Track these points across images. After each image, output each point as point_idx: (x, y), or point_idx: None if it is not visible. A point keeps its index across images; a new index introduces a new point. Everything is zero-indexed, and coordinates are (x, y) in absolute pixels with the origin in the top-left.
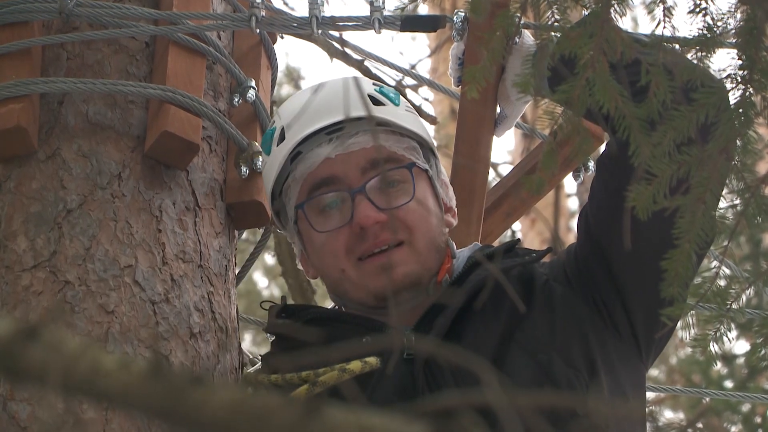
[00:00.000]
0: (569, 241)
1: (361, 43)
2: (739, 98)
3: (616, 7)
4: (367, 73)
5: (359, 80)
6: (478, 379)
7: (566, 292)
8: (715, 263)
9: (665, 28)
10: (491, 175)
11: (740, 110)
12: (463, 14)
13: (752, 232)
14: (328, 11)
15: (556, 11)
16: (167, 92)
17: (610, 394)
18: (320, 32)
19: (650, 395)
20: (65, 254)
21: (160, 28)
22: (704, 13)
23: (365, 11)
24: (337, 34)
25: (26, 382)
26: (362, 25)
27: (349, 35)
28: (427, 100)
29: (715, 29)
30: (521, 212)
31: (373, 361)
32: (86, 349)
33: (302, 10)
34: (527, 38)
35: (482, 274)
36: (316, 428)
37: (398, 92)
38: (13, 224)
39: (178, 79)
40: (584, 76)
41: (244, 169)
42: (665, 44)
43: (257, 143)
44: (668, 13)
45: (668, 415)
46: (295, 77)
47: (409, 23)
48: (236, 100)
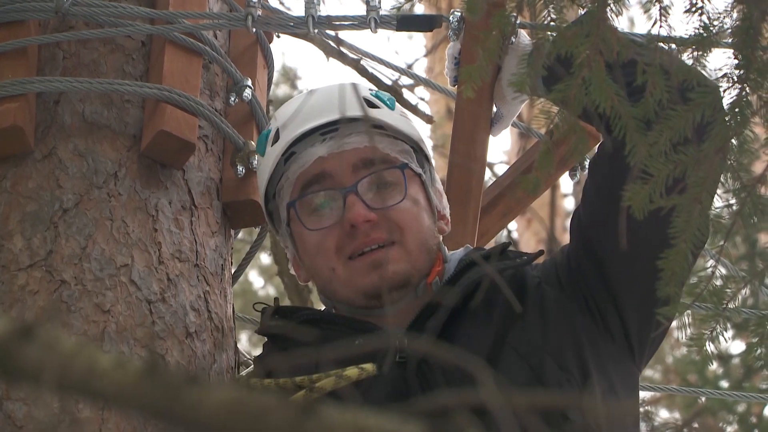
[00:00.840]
0: (565, 241)
1: (357, 42)
2: (735, 98)
3: (612, 6)
4: (363, 72)
5: (356, 85)
6: (471, 381)
7: (558, 295)
8: (711, 263)
9: (661, 27)
10: (487, 174)
11: (736, 110)
12: (459, 14)
13: (748, 231)
14: (324, 11)
15: (552, 11)
16: (163, 91)
17: (603, 396)
18: (316, 32)
19: (646, 395)
20: (61, 253)
21: (156, 27)
22: (700, 12)
23: (361, 11)
24: (333, 33)
25: (22, 381)
26: (358, 24)
27: (345, 35)
28: (423, 99)
29: (711, 29)
30: (517, 212)
31: (369, 367)
32: (82, 348)
33: (298, 9)
34: (523, 38)
35: (474, 275)
36: (312, 428)
37: (393, 98)
38: (9, 223)
39: (174, 78)
40: (580, 75)
41: (240, 168)
42: (661, 45)
43: (253, 142)
44: (665, 12)
45: (664, 414)
46: (291, 77)
47: (405, 23)
48: (232, 99)
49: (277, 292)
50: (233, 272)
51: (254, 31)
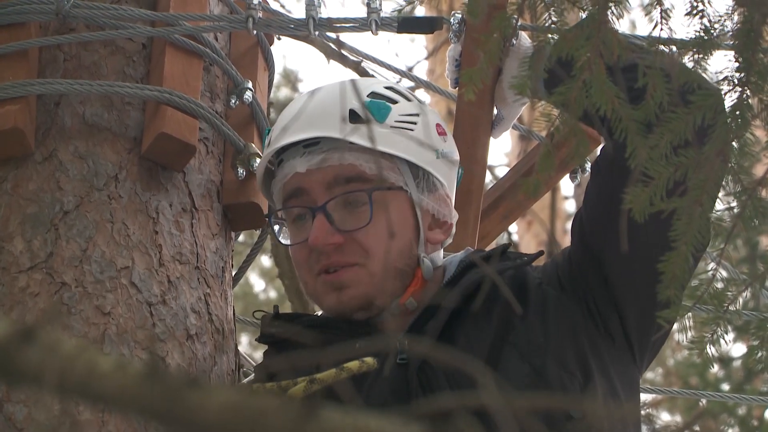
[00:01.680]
0: (565, 243)
1: (358, 44)
2: (736, 101)
3: (613, 9)
4: (364, 74)
5: (354, 88)
6: (472, 382)
7: (560, 296)
8: (712, 265)
9: (663, 30)
10: (488, 177)
11: (737, 113)
12: (460, 16)
13: (749, 234)
14: (325, 13)
15: (553, 13)
16: (164, 94)
17: (604, 397)
18: (317, 34)
19: (647, 397)
20: (62, 256)
21: (157, 29)
22: (701, 15)
23: (362, 12)
24: (334, 35)
25: (23, 383)
26: (359, 26)
27: (346, 37)
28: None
29: (712, 31)
30: (518, 214)
31: (370, 360)
32: (82, 350)
33: (299, 11)
34: (524, 40)
35: (473, 276)
36: (312, 430)
37: (389, 106)
38: (9, 226)
39: (174, 80)
40: (581, 78)
41: (240, 170)
42: (662, 48)
43: (254, 145)
44: (666, 15)
45: (665, 417)
46: (292, 79)
47: (406, 25)
48: (233, 101)
49: (277, 294)
50: (234, 274)
51: (255, 33)
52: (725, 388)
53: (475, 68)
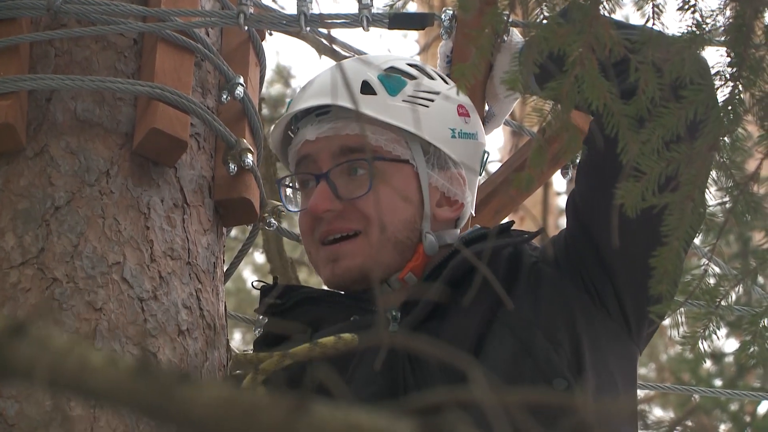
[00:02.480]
0: None
1: (350, 40)
2: (727, 95)
3: (605, 3)
4: None
5: (365, 61)
6: (458, 359)
7: (555, 272)
8: (704, 261)
9: (655, 24)
10: None
11: (729, 107)
12: (451, 12)
13: (741, 229)
14: (316, 8)
15: (544, 8)
16: (155, 89)
17: (593, 372)
18: (308, 29)
19: (639, 393)
20: (53, 251)
21: (148, 24)
22: (693, 10)
23: (354, 8)
24: (325, 31)
25: (14, 378)
26: (350, 22)
27: (337, 32)
28: None
29: (704, 26)
30: (510, 209)
31: (348, 337)
32: (74, 346)
33: (291, 7)
34: (515, 36)
35: (461, 258)
36: (303, 425)
37: (403, 80)
38: (0, 221)
39: (166, 76)
40: (573, 73)
41: (232, 166)
42: (655, 38)
43: (245, 140)
44: (658, 10)
45: (658, 412)
46: (285, 76)
47: (397, 21)
48: (224, 97)
49: None
50: (225, 270)
51: (246, 28)
52: (718, 383)
53: (466, 64)
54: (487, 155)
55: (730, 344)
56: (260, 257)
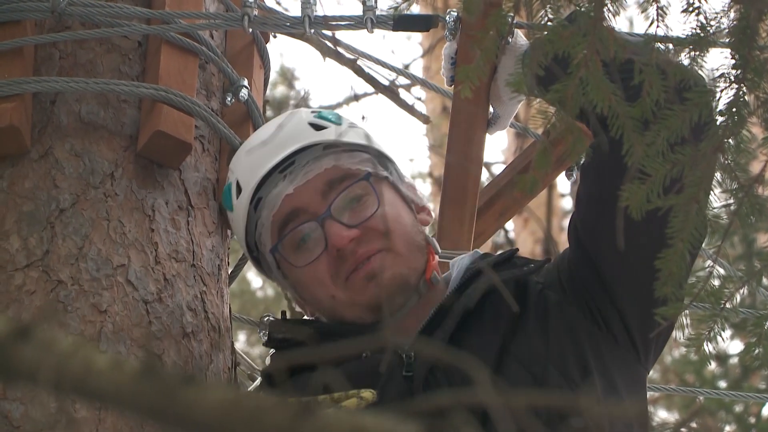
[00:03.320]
0: (562, 240)
1: (354, 42)
2: (732, 97)
3: (609, 6)
4: (360, 72)
5: (294, 113)
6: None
7: (560, 299)
8: (708, 263)
9: (659, 27)
10: (484, 174)
11: (733, 109)
12: (455, 14)
13: (746, 231)
14: (320, 11)
15: (549, 10)
16: (160, 91)
17: (604, 396)
18: (313, 32)
19: None
20: (58, 253)
21: (152, 27)
22: (697, 12)
23: (358, 11)
24: (330, 33)
25: (19, 381)
26: (355, 24)
27: (342, 35)
28: (419, 99)
29: (708, 28)
30: (514, 211)
31: (368, 395)
32: (79, 348)
33: (295, 9)
34: (520, 38)
35: (481, 286)
36: (308, 428)
37: (338, 114)
38: (5, 223)
39: (170, 78)
40: (577, 75)
41: None
42: (658, 46)
43: None
44: (662, 12)
45: (663, 414)
46: (289, 77)
47: (401, 23)
48: (229, 99)
49: (274, 292)
50: (230, 272)
51: (250, 31)
52: (722, 385)
53: (471, 65)
54: None
55: (734, 346)
56: None
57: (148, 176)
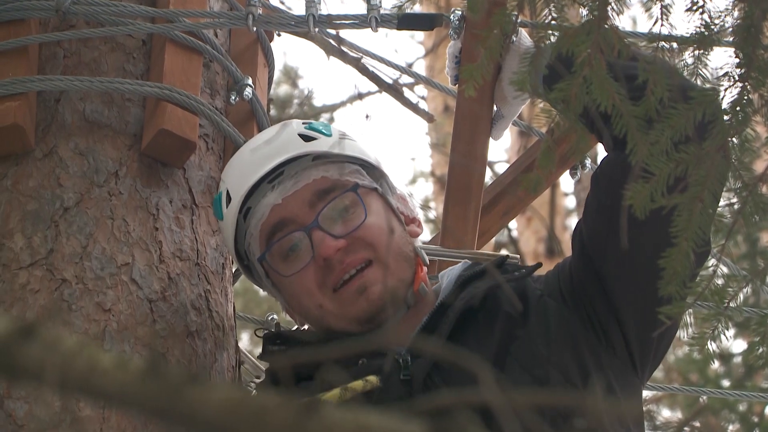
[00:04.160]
0: (565, 239)
1: (358, 41)
2: (736, 96)
3: (613, 5)
4: (363, 71)
5: (286, 124)
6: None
7: (561, 307)
8: (712, 261)
9: (663, 26)
10: (487, 173)
11: (737, 108)
12: (460, 13)
13: (750, 230)
14: (324, 9)
15: (553, 9)
16: (164, 90)
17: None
18: (317, 30)
19: (648, 394)
20: (62, 252)
21: (156, 25)
22: (702, 11)
23: (362, 9)
24: (334, 32)
25: (23, 380)
26: (359, 23)
27: (346, 33)
28: (423, 98)
29: (712, 27)
30: (518, 210)
31: (373, 379)
32: (83, 347)
33: (299, 8)
34: (524, 37)
35: (472, 291)
36: (313, 427)
37: (328, 125)
38: (10, 222)
39: (174, 76)
40: (581, 74)
41: None
42: (662, 45)
43: None
44: (666, 11)
45: (666, 413)
46: (293, 76)
47: (406, 21)
48: (233, 98)
49: None
50: (234, 271)
51: (255, 29)
52: (726, 384)
53: (475, 65)
54: None
55: (738, 345)
56: None
57: (152, 175)
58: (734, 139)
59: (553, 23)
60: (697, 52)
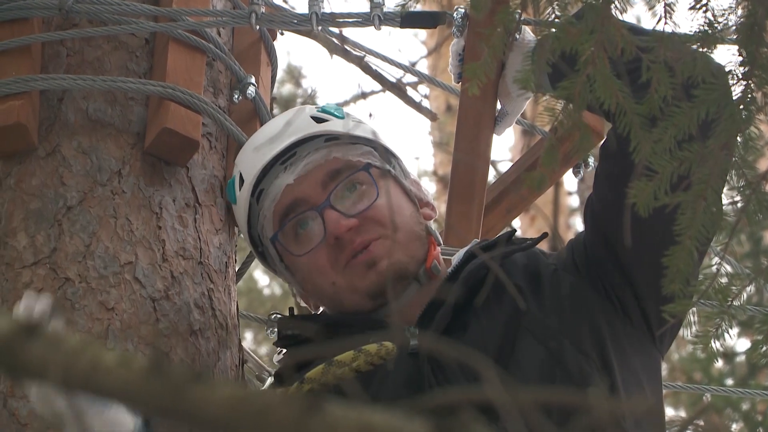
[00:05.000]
0: (568, 238)
1: (361, 39)
2: (740, 94)
3: (616, 3)
4: (366, 69)
5: (299, 108)
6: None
7: (576, 280)
8: (716, 260)
9: (666, 24)
10: (491, 172)
11: (741, 107)
12: (463, 10)
13: (753, 229)
14: (327, 8)
15: (556, 7)
16: (167, 89)
17: (621, 380)
18: (320, 29)
19: None
20: (65, 251)
21: (159, 24)
22: (705, 9)
23: (365, 7)
24: (337, 30)
25: (27, 378)
26: (362, 21)
27: (349, 32)
28: (426, 97)
29: (716, 25)
30: (521, 209)
31: (389, 344)
32: (87, 346)
33: (302, 6)
34: (528, 35)
35: (474, 266)
36: (316, 425)
37: (340, 108)
38: (13, 221)
39: (177, 75)
40: (585, 72)
41: None
42: (667, 39)
43: None
44: (669, 9)
45: (669, 411)
46: (296, 76)
47: (409, 19)
48: (236, 96)
49: (281, 290)
50: (237, 270)
51: (258, 28)
52: (729, 382)
53: (478, 63)
54: None
55: (741, 343)
56: None
57: (155, 174)
58: (738, 137)
59: (556, 21)
60: (700, 50)
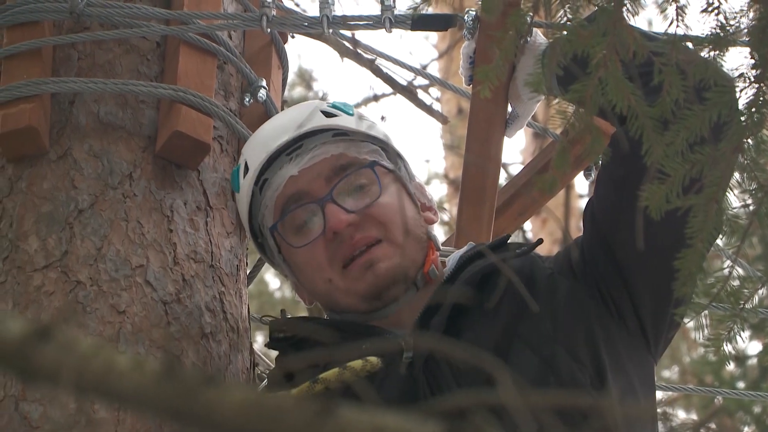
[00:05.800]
0: None
1: (372, 42)
2: (751, 97)
3: (628, 5)
4: (378, 72)
5: (310, 102)
6: (478, 376)
7: (572, 285)
8: (728, 263)
9: (678, 27)
10: (502, 175)
11: (753, 109)
12: (474, 13)
13: (765, 232)
14: (339, 11)
15: (568, 10)
16: (178, 92)
17: (616, 388)
18: (331, 32)
19: (662, 395)
20: (76, 254)
21: (171, 27)
22: (717, 12)
23: (376, 10)
24: (348, 33)
25: (39, 382)
26: (373, 24)
27: (360, 35)
28: (437, 100)
29: (727, 28)
30: (532, 212)
31: (374, 360)
32: (99, 349)
33: (313, 9)
34: (539, 37)
35: (474, 269)
36: (329, 428)
37: (350, 105)
38: (24, 224)
39: (189, 78)
40: (597, 75)
41: None
42: (678, 42)
43: None
44: (681, 12)
45: (681, 415)
46: (307, 79)
47: (420, 22)
48: (247, 99)
49: (292, 294)
50: (248, 273)
51: (269, 31)
52: (741, 385)
53: (490, 65)
54: None
55: (753, 347)
56: None
57: (166, 177)
58: (749, 140)
59: (568, 24)
60: (712, 53)
